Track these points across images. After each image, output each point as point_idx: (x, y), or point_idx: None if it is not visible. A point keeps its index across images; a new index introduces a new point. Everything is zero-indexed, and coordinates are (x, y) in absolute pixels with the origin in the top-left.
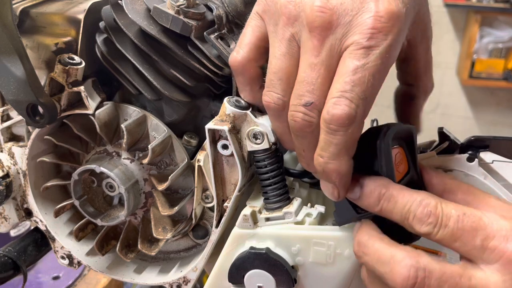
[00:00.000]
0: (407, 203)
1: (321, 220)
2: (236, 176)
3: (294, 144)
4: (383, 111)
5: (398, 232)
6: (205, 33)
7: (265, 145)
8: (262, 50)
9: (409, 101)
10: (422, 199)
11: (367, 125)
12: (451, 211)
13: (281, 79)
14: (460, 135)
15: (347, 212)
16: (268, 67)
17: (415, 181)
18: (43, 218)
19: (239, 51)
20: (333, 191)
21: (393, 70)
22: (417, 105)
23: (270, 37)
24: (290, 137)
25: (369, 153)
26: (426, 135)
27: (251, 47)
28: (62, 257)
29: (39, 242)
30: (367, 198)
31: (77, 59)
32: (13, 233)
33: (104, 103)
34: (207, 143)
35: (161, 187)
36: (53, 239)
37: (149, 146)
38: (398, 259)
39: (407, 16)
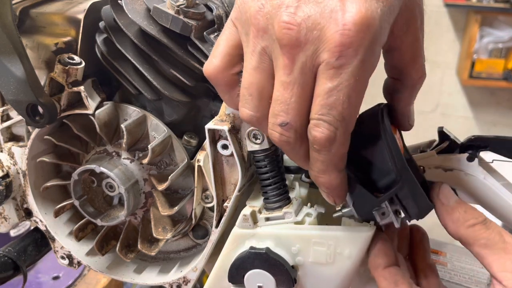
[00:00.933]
0: None
1: (321, 220)
2: (236, 176)
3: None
4: None
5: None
6: (205, 33)
7: (264, 145)
8: (237, 58)
9: (395, 95)
10: None
11: None
12: None
13: (252, 95)
14: (460, 135)
15: (367, 201)
16: (242, 80)
17: (407, 159)
18: (43, 218)
19: (212, 60)
20: (329, 199)
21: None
22: (404, 99)
23: (244, 47)
24: None
25: (371, 137)
26: (426, 135)
27: (223, 56)
28: (62, 257)
29: (39, 242)
30: None
31: (77, 59)
32: (13, 233)
33: (104, 103)
34: (207, 143)
35: (161, 187)
36: (53, 239)
37: (149, 146)
38: None
39: (384, 17)
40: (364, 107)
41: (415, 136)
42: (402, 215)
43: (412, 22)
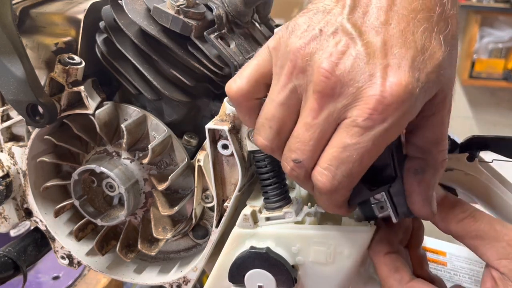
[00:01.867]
0: None
1: (321, 219)
2: (236, 176)
3: None
4: None
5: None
6: (205, 33)
7: None
8: (263, 86)
9: (414, 175)
10: None
11: None
12: None
13: (271, 128)
14: (460, 135)
15: (360, 192)
16: (263, 108)
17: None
18: (43, 218)
19: (237, 81)
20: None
21: None
22: (425, 181)
23: (273, 78)
24: None
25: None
26: None
27: (250, 81)
28: (62, 257)
29: (39, 242)
30: None
31: (77, 59)
32: (13, 233)
33: (104, 103)
34: (207, 143)
35: (161, 187)
36: (53, 239)
37: (149, 146)
38: None
39: (421, 95)
40: None
41: None
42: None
43: (442, 106)
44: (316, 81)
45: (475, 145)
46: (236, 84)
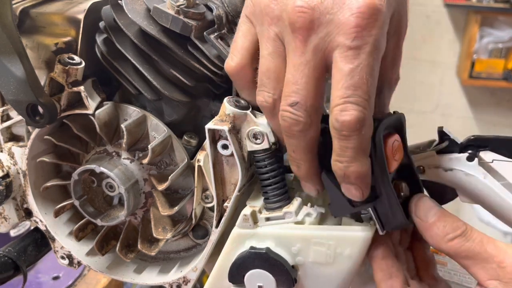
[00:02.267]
0: None
1: (321, 220)
2: (236, 176)
3: (286, 146)
4: None
5: None
6: (205, 33)
7: (265, 145)
8: (256, 53)
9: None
10: None
11: None
12: None
13: (270, 78)
14: (460, 135)
15: (343, 206)
16: (259, 67)
17: (406, 164)
18: (43, 218)
19: (233, 58)
20: (357, 193)
21: None
22: (382, 99)
23: (259, 38)
24: None
25: None
26: (426, 135)
27: (243, 53)
28: (62, 257)
29: (39, 242)
30: None
31: (77, 59)
32: (13, 233)
33: (104, 103)
34: (207, 143)
35: (161, 187)
36: (53, 239)
37: (149, 146)
38: None
39: (388, 9)
40: None
41: (415, 136)
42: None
43: (399, 28)
44: (293, 20)
45: (475, 145)
46: (233, 60)
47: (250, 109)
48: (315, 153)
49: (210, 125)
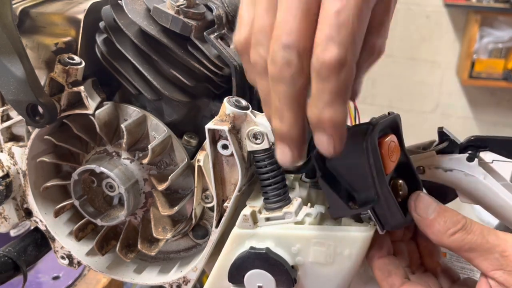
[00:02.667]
0: None
1: (321, 220)
2: (236, 176)
3: (271, 97)
4: (383, 111)
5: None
6: (205, 33)
7: (265, 145)
8: None
9: None
10: None
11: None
12: None
13: (267, 34)
14: (460, 135)
15: (341, 209)
16: (253, 28)
17: (404, 163)
18: (43, 218)
19: (240, 32)
20: (328, 145)
21: (390, 70)
22: (359, 67)
23: (256, 2)
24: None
25: (356, 152)
26: (426, 135)
27: (248, 25)
28: (62, 257)
29: (39, 242)
30: None
31: (77, 59)
32: (13, 233)
33: (104, 103)
34: (207, 143)
35: (161, 187)
36: (53, 239)
37: (149, 146)
38: None
39: None
40: (365, 106)
41: (415, 136)
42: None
43: None
44: None
45: (475, 145)
46: (239, 34)
47: (250, 109)
48: (303, 108)
49: (210, 125)
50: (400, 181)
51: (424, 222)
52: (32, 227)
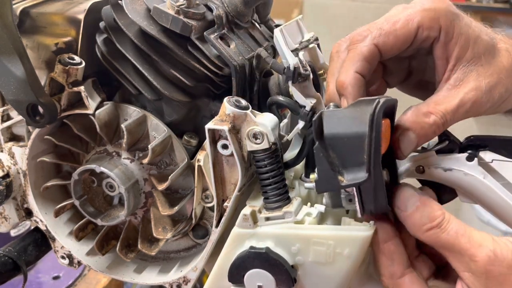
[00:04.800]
0: None
1: (321, 219)
2: (236, 176)
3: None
4: None
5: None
6: (205, 33)
7: (265, 145)
8: None
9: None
10: None
11: None
12: None
13: None
14: (460, 135)
15: (329, 182)
16: None
17: (388, 152)
18: (43, 218)
19: None
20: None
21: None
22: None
23: None
24: None
25: (360, 123)
26: None
27: None
28: (62, 257)
29: (39, 242)
30: None
31: (77, 59)
32: (13, 233)
33: (104, 103)
34: (207, 143)
35: (161, 187)
36: (53, 239)
37: (149, 146)
38: None
39: (450, 9)
40: None
41: None
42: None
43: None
44: None
45: (474, 145)
46: None
47: (250, 109)
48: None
49: (210, 125)
50: (384, 169)
51: (403, 214)
52: (32, 227)
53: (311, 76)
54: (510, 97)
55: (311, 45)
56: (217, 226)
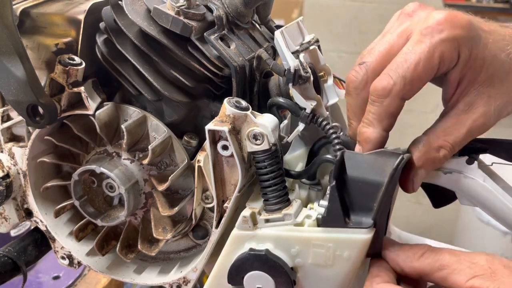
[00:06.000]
0: None
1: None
2: (236, 176)
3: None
4: None
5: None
6: (205, 33)
7: (265, 146)
8: None
9: None
10: None
11: None
12: None
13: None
14: None
15: (336, 219)
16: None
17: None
18: (43, 218)
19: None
20: (358, 147)
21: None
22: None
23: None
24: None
25: (381, 173)
26: None
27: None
28: (62, 257)
29: (39, 242)
30: None
31: (77, 59)
32: (13, 233)
33: (104, 103)
34: (207, 144)
35: (161, 187)
36: (53, 239)
37: (149, 147)
38: None
39: (469, 41)
40: None
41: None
42: None
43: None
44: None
45: (474, 148)
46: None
47: (250, 109)
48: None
49: (210, 126)
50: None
51: (392, 253)
52: (32, 227)
53: (312, 78)
54: None
55: (311, 47)
56: (217, 226)
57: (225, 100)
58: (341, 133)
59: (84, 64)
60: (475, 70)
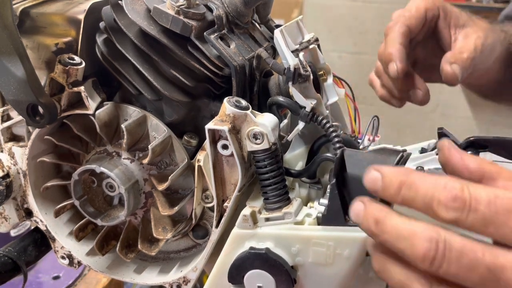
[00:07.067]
0: (429, 189)
1: None
2: (236, 176)
3: None
4: (383, 111)
5: None
6: (205, 33)
7: (265, 145)
8: None
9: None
10: (446, 183)
11: (367, 121)
12: (481, 194)
13: None
14: (460, 135)
15: (336, 217)
16: None
17: None
18: (43, 218)
19: None
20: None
21: None
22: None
23: None
24: None
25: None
26: (426, 135)
27: None
28: (62, 257)
29: (39, 242)
30: (388, 189)
31: (77, 59)
32: (13, 233)
33: (104, 103)
34: (207, 143)
35: (161, 187)
36: (53, 239)
37: (149, 146)
38: (418, 232)
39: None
40: (365, 106)
41: (415, 136)
42: None
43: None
44: None
45: (475, 146)
46: None
47: (250, 109)
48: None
49: (210, 125)
50: None
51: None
52: (32, 227)
53: (311, 77)
54: (495, 47)
55: (311, 46)
56: (217, 226)
57: (225, 100)
58: (341, 132)
59: (84, 64)
60: (455, 18)
